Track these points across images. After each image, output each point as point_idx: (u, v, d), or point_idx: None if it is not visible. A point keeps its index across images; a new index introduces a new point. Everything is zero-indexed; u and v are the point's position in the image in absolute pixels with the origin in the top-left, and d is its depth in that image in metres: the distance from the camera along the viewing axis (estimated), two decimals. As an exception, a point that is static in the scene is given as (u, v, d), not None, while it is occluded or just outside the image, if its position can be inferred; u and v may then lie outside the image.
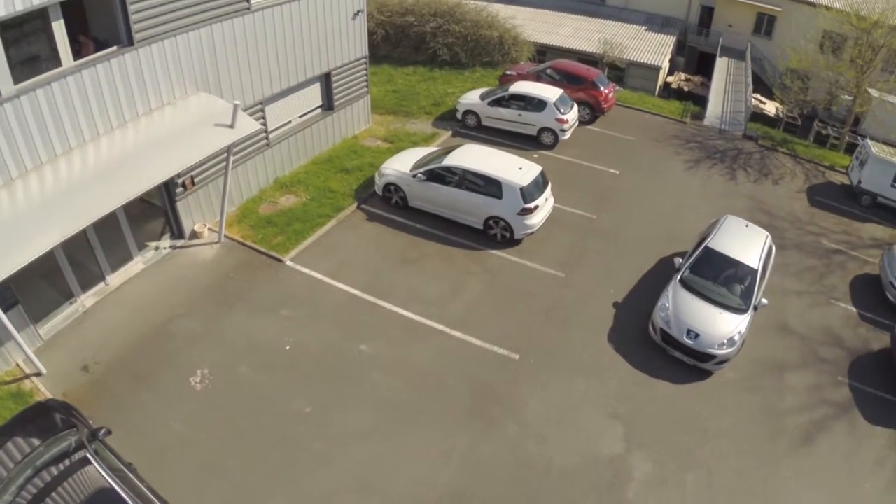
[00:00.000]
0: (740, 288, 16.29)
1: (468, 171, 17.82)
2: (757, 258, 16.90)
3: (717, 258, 16.67)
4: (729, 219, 18.40)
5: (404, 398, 13.18)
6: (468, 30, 29.28)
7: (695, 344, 14.96)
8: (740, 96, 34.05)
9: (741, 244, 17.28)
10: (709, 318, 15.37)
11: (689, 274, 16.36)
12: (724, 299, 15.98)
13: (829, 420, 15.09)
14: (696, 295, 15.89)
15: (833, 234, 23.48)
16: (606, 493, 12.05)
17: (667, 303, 15.69)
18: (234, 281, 15.58)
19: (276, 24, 16.81)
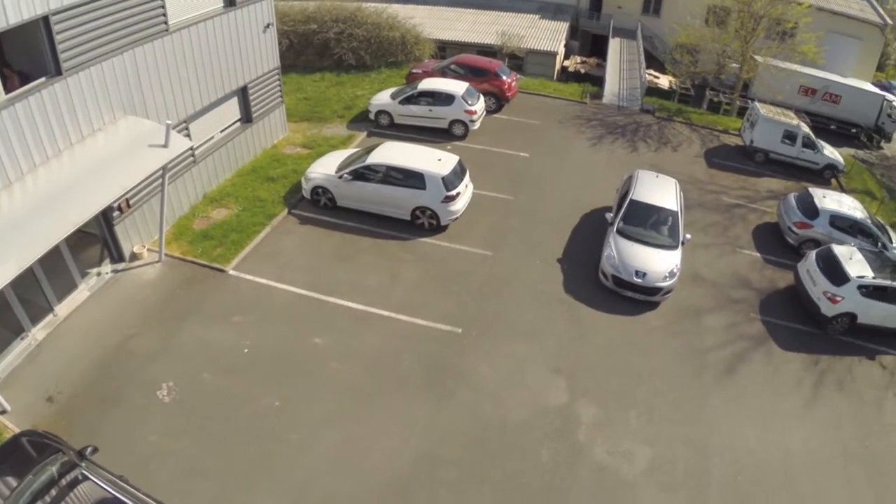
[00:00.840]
0: (667, 229, 19.29)
1: (391, 167, 19.21)
2: (674, 202, 19.99)
3: (643, 207, 19.58)
4: (641, 172, 21.39)
5: (363, 381, 14.43)
6: (371, 32, 30.60)
7: (644, 282, 17.84)
8: (634, 73, 36.68)
9: (658, 192, 20.26)
10: (650, 258, 18.22)
11: (623, 225, 19.08)
12: (658, 240, 18.96)
13: (748, 352, 17.42)
14: (634, 241, 18.66)
15: (732, 190, 26.19)
16: (560, 438, 13.78)
17: (612, 252, 18.32)
18: (181, 296, 16.31)
19: (194, 42, 17.62)
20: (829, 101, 37.58)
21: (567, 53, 41.97)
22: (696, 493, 13.18)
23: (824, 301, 18.60)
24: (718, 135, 31.65)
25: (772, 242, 22.77)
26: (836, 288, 18.47)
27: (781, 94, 34.18)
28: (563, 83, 35.99)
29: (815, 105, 37.10)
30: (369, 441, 13.11)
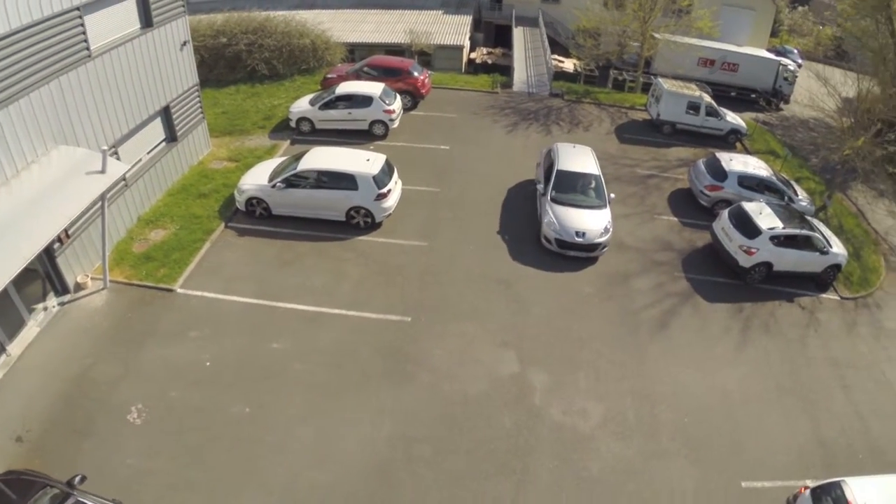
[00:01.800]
0: (594, 191, 21.68)
1: (322, 171, 20.09)
2: (595, 167, 22.45)
3: (570, 175, 21.79)
4: (559, 145, 23.60)
5: (327, 378, 15.31)
6: (281, 41, 31.07)
7: (584, 240, 20.06)
8: (540, 60, 38.45)
9: (580, 160, 22.62)
10: (585, 219, 20.47)
11: (556, 193, 21.18)
12: (588, 202, 21.34)
13: (677, 307, 19.27)
14: (568, 206, 20.78)
15: (644, 162, 28.22)
16: (518, 405, 15.15)
17: (552, 218, 20.34)
18: (133, 319, 16.60)
19: (116, 66, 17.84)
20: (728, 70, 40.36)
21: (472, 46, 43.40)
22: (649, 438, 14.83)
23: (741, 254, 20.67)
24: (626, 111, 33.78)
25: (686, 206, 24.87)
26: (751, 241, 20.58)
27: (682, 67, 36.62)
28: (472, 75, 37.44)
29: (715, 75, 39.77)
30: (343, 432, 14.03)
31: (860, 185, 29.90)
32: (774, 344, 18.69)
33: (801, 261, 21.33)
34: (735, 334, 18.79)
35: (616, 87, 38.11)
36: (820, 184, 28.56)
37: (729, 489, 14.05)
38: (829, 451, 15.24)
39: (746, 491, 14.12)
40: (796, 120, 37.58)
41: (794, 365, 18.05)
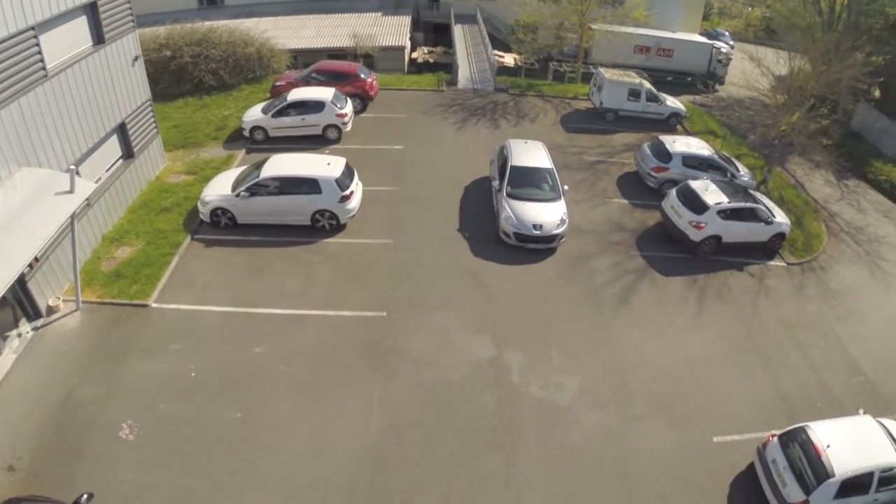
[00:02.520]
0: (548, 185, 22.30)
1: (285, 178, 20.44)
2: (547, 160, 23.15)
3: (524, 170, 22.44)
4: (511, 141, 24.18)
5: (312, 376, 15.74)
6: (227, 51, 31.04)
7: (542, 232, 20.63)
8: (482, 56, 39.27)
9: (532, 155, 23.29)
10: (542, 212, 21.08)
11: (511, 189, 21.77)
12: (544, 195, 21.97)
13: (635, 283, 20.35)
14: (524, 200, 21.39)
15: (591, 149, 29.32)
16: (498, 385, 15.98)
17: (509, 213, 20.95)
18: (111, 338, 16.60)
19: (72, 84, 17.79)
20: (663, 55, 42.21)
21: (413, 46, 43.89)
22: (624, 405, 15.86)
23: (691, 229, 21.87)
24: (569, 102, 34.90)
25: (635, 189, 26.06)
26: (699, 216, 21.80)
27: (619, 56, 38.07)
28: (417, 75, 37.98)
29: (651, 61, 41.47)
30: (335, 426, 14.52)
31: (798, 159, 31.69)
32: (729, 310, 19.93)
33: (748, 232, 22.67)
34: (692, 304, 19.95)
35: (556, 78, 39.25)
36: (759, 159, 30.09)
37: (703, 445, 15.18)
38: (789, 403, 16.49)
39: (719, 445, 15.29)
40: (732, 100, 39.32)
41: (750, 328, 19.31)
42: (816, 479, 13.48)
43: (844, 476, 13.45)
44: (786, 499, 13.67)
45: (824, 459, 13.59)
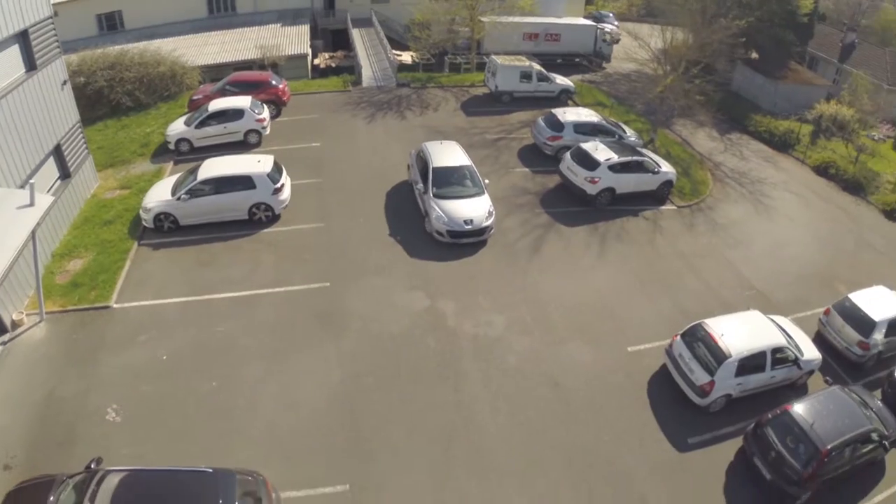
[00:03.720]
0: (470, 181, 23.31)
1: (222, 177, 21.70)
2: (466, 158, 24.27)
3: (445, 170, 23.29)
4: (428, 144, 24.92)
5: (274, 344, 17.25)
6: (141, 72, 31.57)
7: (473, 227, 21.64)
8: (382, 56, 41.06)
9: (450, 155, 24.18)
10: (469, 208, 22.12)
11: (437, 189, 22.62)
12: (468, 192, 22.98)
13: (544, 235, 22.82)
14: (451, 199, 22.32)
15: (492, 129, 31.77)
16: (436, 328, 18.08)
17: (439, 213, 21.79)
18: (80, 340, 17.36)
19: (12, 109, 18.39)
20: (551, 40, 44.79)
21: (314, 53, 45.14)
22: (547, 332, 18.33)
23: (587, 184, 24.62)
24: (467, 89, 37.33)
25: (534, 158, 28.70)
26: (593, 172, 24.52)
27: (510, 44, 40.38)
28: (323, 79, 39.38)
29: (541, 46, 43.98)
30: (302, 380, 16.17)
31: (682, 121, 35.32)
32: (629, 249, 22.75)
33: (638, 182, 25.64)
34: (595, 247, 22.64)
35: (453, 70, 41.54)
36: (647, 124, 33.31)
37: (619, 355, 17.90)
38: (690, 315, 19.12)
39: (632, 353, 18.03)
40: (619, 75, 42.88)
41: (649, 260, 22.19)
42: (717, 361, 16.15)
43: (740, 356, 16.20)
44: (696, 383, 16.26)
45: (721, 345, 16.34)
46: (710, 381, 16.07)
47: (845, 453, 14.85)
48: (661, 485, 14.58)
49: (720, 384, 16.12)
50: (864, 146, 35.19)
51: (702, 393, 16.25)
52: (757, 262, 23.30)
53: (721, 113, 37.85)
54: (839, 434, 14.76)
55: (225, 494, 11.10)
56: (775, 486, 14.70)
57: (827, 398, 15.94)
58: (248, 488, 11.65)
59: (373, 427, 15.08)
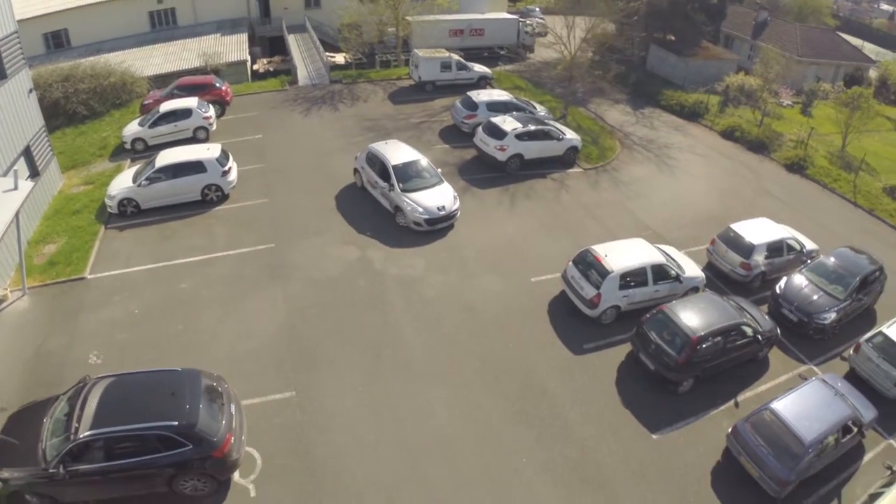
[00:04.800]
0: (428, 172, 25.01)
1: (176, 164, 24.34)
2: (416, 154, 25.70)
3: (404, 166, 24.77)
4: (373, 146, 25.99)
5: (230, 292, 20.05)
6: (94, 83, 33.90)
7: (447, 213, 23.59)
8: (316, 58, 43.81)
9: (401, 152, 25.57)
10: (438, 196, 23.92)
11: (403, 185, 24.03)
12: (430, 182, 24.56)
13: (460, 196, 25.16)
14: (419, 191, 23.92)
15: (416, 114, 35.02)
16: (366, 272, 21.19)
17: (414, 206, 23.41)
18: (60, 306, 19.67)
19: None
20: (476, 35, 47.64)
21: (254, 59, 47.60)
22: (462, 269, 21.58)
23: (497, 152, 27.97)
24: (394, 82, 40.53)
25: (454, 136, 32.08)
26: (501, 141, 27.84)
27: (436, 41, 43.27)
28: (263, 80, 42.05)
29: (466, 42, 46.86)
30: (255, 316, 19.03)
31: (598, 100, 39.71)
32: (536, 203, 26.16)
33: (544, 148, 29.08)
34: (506, 204, 26.01)
35: (383, 66, 44.64)
36: (559, 102, 37.14)
37: (523, 284, 21.21)
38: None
39: (535, 283, 21.32)
40: (542, 63, 46.49)
41: (554, 212, 25.61)
42: (601, 277, 19.15)
43: (621, 271, 19.22)
44: (585, 297, 19.31)
45: (604, 263, 19.39)
46: (597, 294, 19.08)
47: (718, 343, 17.29)
48: (559, 379, 17.67)
49: (606, 296, 19.11)
50: (769, 111, 39.21)
51: (591, 305, 19.28)
52: (655, 210, 26.84)
53: (635, 90, 41.91)
54: (708, 325, 17.23)
55: (192, 386, 13.84)
56: (658, 374, 17.38)
57: (700, 299, 18.80)
58: (211, 384, 14.39)
59: (314, 346, 18.04)
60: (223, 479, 13.91)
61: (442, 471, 14.72)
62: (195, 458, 13.08)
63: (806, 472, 14.97)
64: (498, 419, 16.24)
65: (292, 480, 14.26)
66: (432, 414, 16.18)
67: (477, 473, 14.76)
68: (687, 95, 41.65)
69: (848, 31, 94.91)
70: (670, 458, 15.72)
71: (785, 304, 20.63)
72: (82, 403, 13.39)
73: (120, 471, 12.93)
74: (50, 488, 12.99)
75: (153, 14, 48.30)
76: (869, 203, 30.47)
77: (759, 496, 14.97)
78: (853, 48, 57.50)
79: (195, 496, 13.71)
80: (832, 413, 15.55)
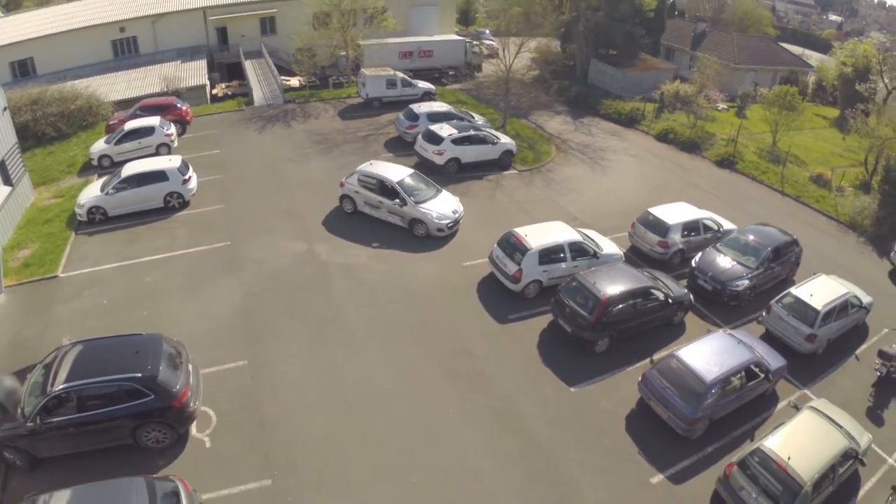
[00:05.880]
0: (426, 183, 26.50)
1: (141, 174, 26.28)
2: (407, 168, 27.09)
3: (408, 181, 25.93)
4: (363, 168, 26.90)
5: (189, 283, 22.02)
6: (62, 107, 35.68)
7: (459, 215, 25.78)
8: (271, 81, 45.94)
9: (396, 171, 26.45)
10: (447, 202, 26.02)
11: (416, 198, 25.30)
12: (434, 191, 26.25)
13: None
14: (427, 201, 25.49)
15: (364, 128, 37.48)
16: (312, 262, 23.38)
17: (433, 214, 25.10)
18: (35, 301, 21.36)
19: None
20: (425, 56, 49.78)
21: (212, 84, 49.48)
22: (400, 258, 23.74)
23: (436, 157, 30.33)
24: (344, 100, 42.94)
25: (398, 146, 34.62)
26: (439, 146, 30.21)
27: (388, 63, 45.32)
28: (221, 102, 44.09)
29: (416, 63, 48.96)
30: (213, 301, 21.00)
31: (539, 111, 42.60)
32: (472, 201, 28.45)
33: (479, 152, 31.50)
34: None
35: (335, 87, 46.98)
36: (498, 113, 39.96)
37: (457, 267, 23.65)
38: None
39: (467, 266, 23.70)
40: (490, 81, 48.82)
41: (487, 208, 28.03)
42: (521, 254, 21.21)
43: (540, 248, 21.29)
44: (508, 273, 21.44)
45: (524, 241, 21.51)
46: (519, 269, 21.18)
47: (629, 305, 19.13)
48: (486, 344, 19.82)
49: (527, 271, 21.18)
50: (703, 114, 42.34)
51: (514, 280, 21.39)
52: (585, 203, 29.36)
53: (576, 102, 44.81)
54: (616, 288, 19.11)
55: (153, 347, 15.82)
56: (575, 335, 19.21)
57: (611, 268, 20.48)
58: (171, 346, 16.34)
59: (264, 323, 20.12)
60: (181, 430, 15.73)
61: (377, 420, 16.77)
62: (156, 407, 14.95)
63: (713, 412, 16.36)
64: (429, 377, 18.40)
65: (244, 433, 16.21)
66: (370, 375, 18.32)
67: (408, 421, 16.82)
68: (624, 104, 44.70)
69: (795, 41, 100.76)
70: (587, 407, 17.73)
71: (700, 276, 22.68)
72: (56, 366, 15.05)
73: (91, 422, 14.68)
74: (27, 442, 14.44)
75: (116, 42, 49.88)
76: (796, 191, 33.61)
77: (670, 437, 16.68)
78: (790, 54, 61.74)
79: (157, 448, 15.50)
80: (734, 358, 16.94)
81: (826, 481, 14.43)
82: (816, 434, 15.10)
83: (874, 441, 16.68)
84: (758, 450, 14.63)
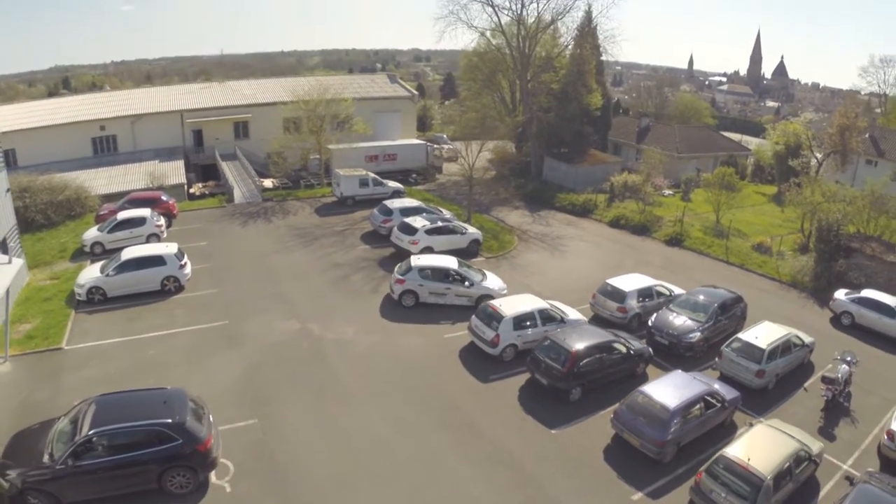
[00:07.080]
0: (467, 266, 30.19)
1: (140, 257, 28.23)
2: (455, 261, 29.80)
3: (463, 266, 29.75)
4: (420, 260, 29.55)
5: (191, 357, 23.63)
6: (51, 195, 37.57)
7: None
8: (248, 181, 48.95)
9: (447, 260, 29.78)
10: (494, 277, 30.28)
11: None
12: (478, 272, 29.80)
13: (381, 283, 30.40)
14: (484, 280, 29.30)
15: (339, 224, 40.46)
16: (307, 338, 25.38)
17: (497, 288, 29.05)
18: (41, 370, 22.46)
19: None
20: (389, 159, 53.41)
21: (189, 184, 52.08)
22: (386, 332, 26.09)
23: (411, 246, 32.93)
24: (319, 199, 46.18)
25: (373, 239, 37.55)
26: (413, 237, 33.11)
27: (355, 166, 48.77)
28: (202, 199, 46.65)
29: (381, 166, 52.37)
30: (217, 371, 22.66)
31: (499, 207, 46.48)
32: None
33: (450, 241, 34.44)
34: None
35: (308, 187, 50.22)
36: (462, 209, 43.61)
37: (439, 340, 25.85)
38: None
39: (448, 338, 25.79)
40: (451, 182, 52.89)
41: None
42: (497, 322, 23.81)
43: (513, 315, 23.94)
44: (487, 338, 23.89)
45: (499, 311, 24.17)
46: (496, 335, 23.75)
47: (595, 357, 21.70)
48: (471, 399, 21.94)
49: (504, 336, 23.63)
50: (651, 200, 46.56)
51: (492, 345, 23.84)
52: (548, 283, 32.30)
53: (533, 197, 48.61)
54: (584, 343, 21.73)
55: (179, 398, 17.46)
56: (551, 387, 21.49)
57: (579, 327, 23.34)
58: (195, 405, 17.83)
59: (269, 388, 21.89)
60: (204, 474, 17.17)
61: (381, 463, 18.53)
62: (184, 451, 16.42)
63: (679, 436, 18.59)
64: (424, 427, 20.39)
65: (261, 478, 17.77)
66: (370, 426, 20.20)
67: (410, 462, 18.67)
68: (578, 196, 48.81)
69: (735, 128, 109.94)
70: (568, 444, 19.95)
71: (657, 333, 25.47)
72: (84, 414, 16.28)
73: (120, 466, 15.90)
74: (54, 486, 15.32)
75: (96, 140, 52.49)
76: (740, 259, 37.59)
77: (644, 462, 18.81)
78: (730, 141, 68.15)
79: (180, 493, 16.79)
80: (691, 390, 19.50)
81: (784, 480, 16.49)
82: (771, 440, 17.44)
83: (828, 453, 19.29)
84: (721, 457, 16.81)
